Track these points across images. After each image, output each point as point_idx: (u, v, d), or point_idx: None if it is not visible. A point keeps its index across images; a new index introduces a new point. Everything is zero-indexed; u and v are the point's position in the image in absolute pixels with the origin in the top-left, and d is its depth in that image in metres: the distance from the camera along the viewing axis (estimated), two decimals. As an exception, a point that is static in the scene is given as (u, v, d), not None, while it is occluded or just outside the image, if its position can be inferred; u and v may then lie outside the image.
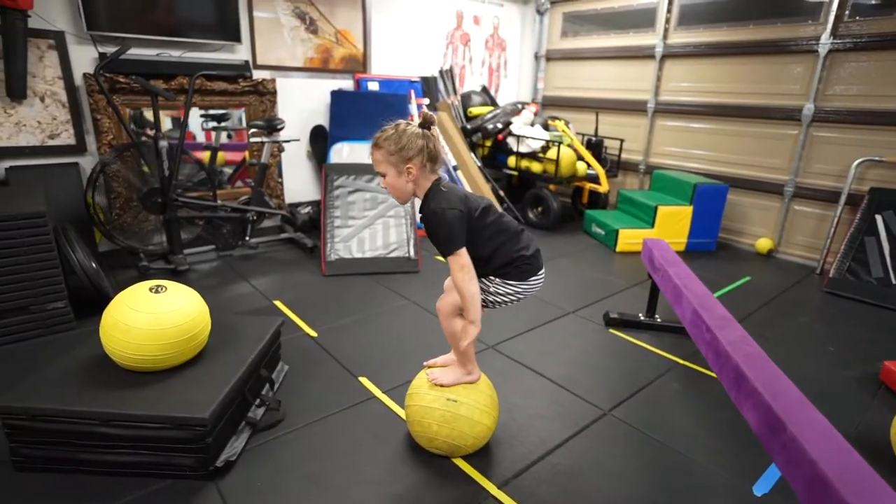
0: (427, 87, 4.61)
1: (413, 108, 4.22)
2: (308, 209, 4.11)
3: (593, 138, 4.71)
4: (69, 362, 1.69)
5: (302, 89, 4.07)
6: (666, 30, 4.38)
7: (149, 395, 1.54)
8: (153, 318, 1.59)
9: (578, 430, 1.86)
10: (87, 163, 3.29)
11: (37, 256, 2.25)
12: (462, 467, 1.64)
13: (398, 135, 1.45)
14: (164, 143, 3.01)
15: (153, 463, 1.53)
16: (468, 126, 4.65)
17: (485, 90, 5.19)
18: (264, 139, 3.45)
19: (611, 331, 2.66)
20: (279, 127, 3.38)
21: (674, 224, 3.91)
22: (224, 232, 3.39)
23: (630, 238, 3.91)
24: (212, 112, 3.67)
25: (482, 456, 1.70)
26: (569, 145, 4.40)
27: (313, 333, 2.48)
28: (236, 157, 3.90)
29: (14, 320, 2.27)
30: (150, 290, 1.66)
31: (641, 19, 4.57)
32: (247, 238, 3.47)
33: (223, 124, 3.74)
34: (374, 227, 3.43)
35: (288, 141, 3.62)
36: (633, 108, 4.77)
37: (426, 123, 1.48)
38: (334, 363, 2.24)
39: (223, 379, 1.64)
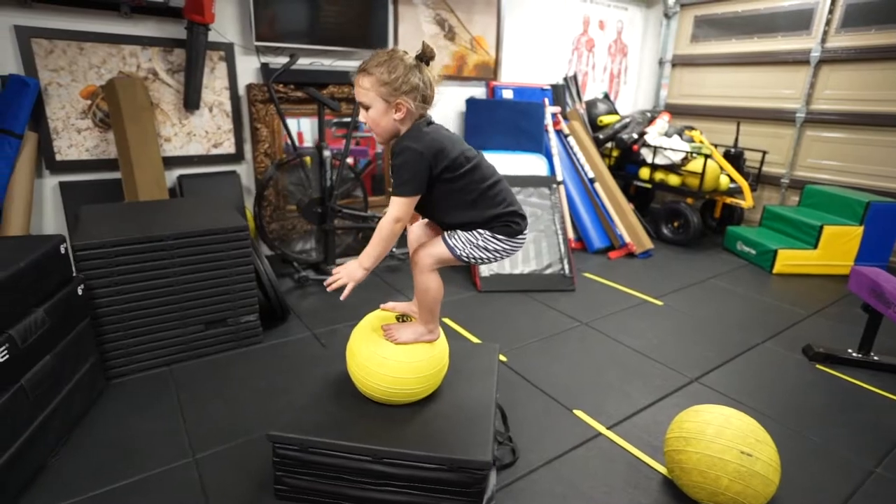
0: (556, 94, 4.45)
1: (548, 117, 4.08)
2: (438, 219, 4.03)
3: (732, 149, 4.40)
4: (314, 388, 1.63)
5: (437, 97, 4.00)
6: (825, 32, 4.03)
7: (415, 431, 1.46)
8: (409, 349, 1.50)
9: (851, 491, 1.65)
10: (243, 170, 3.34)
11: (237, 270, 2.26)
12: (747, 530, 1.47)
13: (392, 62, 1.26)
14: (327, 153, 3.00)
15: None
16: (599, 136, 4.45)
17: (607, 97, 4.99)
18: (413, 149, 3.39)
19: (818, 367, 2.41)
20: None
21: (840, 245, 3.57)
22: (373, 243, 3.35)
23: (791, 259, 3.61)
24: (342, 120, 3.66)
25: (760, 516, 1.52)
26: (709, 157, 4.13)
27: (502, 358, 2.37)
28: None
29: (212, 332, 2.28)
30: (398, 319, 1.59)
31: (792, 22, 4.23)
32: (393, 249, 3.42)
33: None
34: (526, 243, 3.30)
35: (434, 151, 3.55)
36: (775, 117, 4.44)
37: (425, 56, 1.30)
38: (538, 392, 2.12)
39: (479, 414, 1.54)
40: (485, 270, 3.16)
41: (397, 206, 1.33)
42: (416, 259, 1.47)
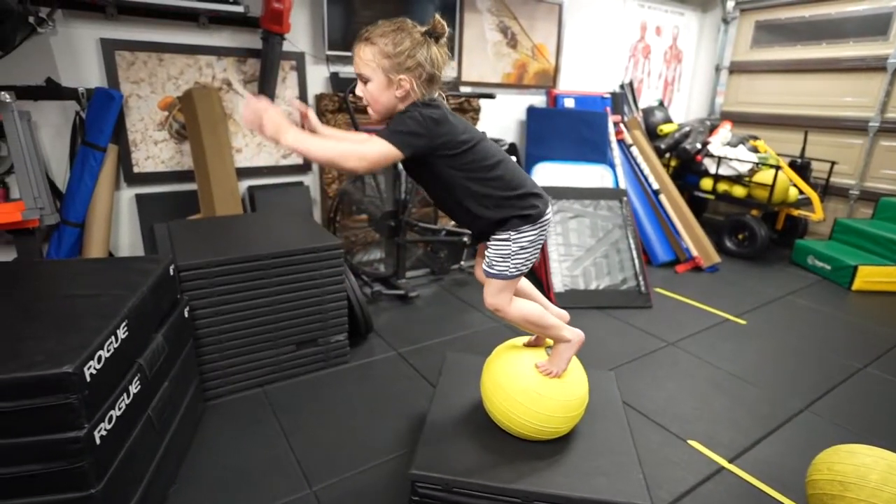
0: (614, 102, 4.35)
1: (611, 126, 3.98)
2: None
3: (798, 160, 4.26)
4: (440, 423, 1.56)
5: (497, 106, 3.93)
6: (903, 39, 3.89)
7: (563, 471, 1.37)
8: (563, 385, 1.43)
9: None
10: (310, 181, 3.30)
11: (330, 289, 2.19)
12: (922, 585, 1.37)
13: (398, 35, 1.15)
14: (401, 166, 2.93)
15: (566, 548, 1.36)
16: (661, 145, 4.33)
17: (662, 105, 4.87)
18: (482, 160, 3.32)
19: (933, 396, 2.29)
20: (503, 146, 3.23)
21: (925, 262, 3.43)
22: (441, 256, 3.29)
23: (871, 276, 3.46)
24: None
25: (928, 568, 1.41)
26: (778, 168, 3.99)
27: (599, 381, 2.28)
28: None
29: (303, 352, 2.22)
30: (546, 350, 1.51)
31: (867, 27, 4.08)
32: (461, 262, 3.35)
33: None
34: (598, 258, 3.21)
35: (502, 162, 3.48)
36: (843, 126, 4.29)
37: (435, 32, 1.17)
38: (646, 420, 2.02)
39: (621, 451, 1.46)
40: (559, 286, 3.07)
41: (373, 147, 1.15)
42: (490, 308, 1.40)
